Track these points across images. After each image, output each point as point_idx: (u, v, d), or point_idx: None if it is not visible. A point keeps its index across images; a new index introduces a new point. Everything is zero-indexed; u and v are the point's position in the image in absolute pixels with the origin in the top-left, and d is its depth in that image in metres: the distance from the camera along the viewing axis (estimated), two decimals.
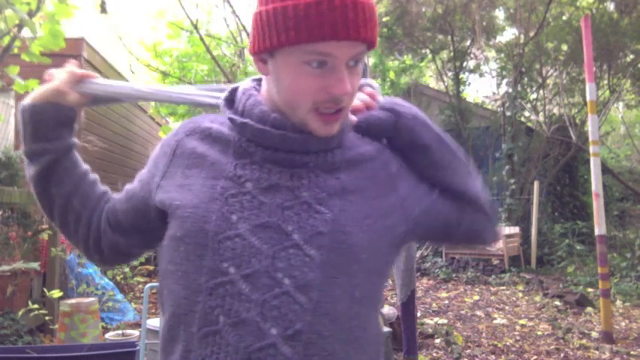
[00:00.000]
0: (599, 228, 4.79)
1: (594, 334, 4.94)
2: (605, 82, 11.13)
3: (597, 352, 4.40)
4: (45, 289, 4.26)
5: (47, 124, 0.97)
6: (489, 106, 12.35)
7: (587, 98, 4.98)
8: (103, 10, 3.72)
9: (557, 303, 6.31)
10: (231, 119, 0.89)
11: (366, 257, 0.84)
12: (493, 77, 12.13)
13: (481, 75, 12.48)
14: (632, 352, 4.37)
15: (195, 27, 7.44)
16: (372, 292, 0.87)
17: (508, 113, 10.48)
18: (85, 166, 1.03)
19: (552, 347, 4.57)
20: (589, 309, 5.98)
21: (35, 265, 4.06)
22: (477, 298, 6.91)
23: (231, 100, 0.94)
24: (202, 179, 0.86)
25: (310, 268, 0.79)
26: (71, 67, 1.06)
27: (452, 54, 11.85)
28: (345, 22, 0.77)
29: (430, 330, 4.92)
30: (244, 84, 0.95)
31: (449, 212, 0.96)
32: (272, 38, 0.80)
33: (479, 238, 1.05)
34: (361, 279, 0.84)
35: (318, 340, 0.78)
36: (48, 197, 1.00)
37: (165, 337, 0.86)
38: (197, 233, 0.81)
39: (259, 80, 0.95)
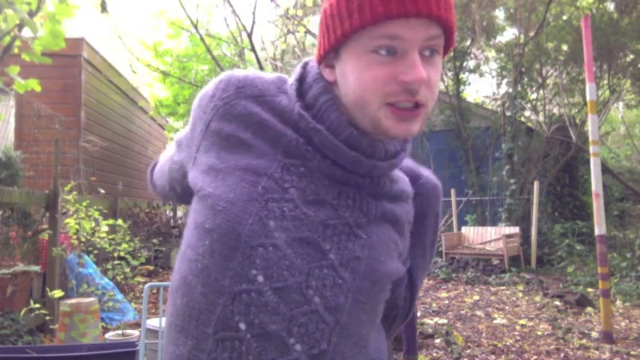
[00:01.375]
0: (599, 228, 4.79)
1: (594, 334, 4.94)
2: (605, 82, 11.13)
3: (597, 352, 4.40)
4: (48, 289, 4.27)
5: None
6: (489, 106, 12.36)
7: (587, 98, 4.98)
8: (104, 9, 3.72)
9: (557, 303, 6.31)
10: (300, 115, 0.79)
11: (388, 288, 0.86)
12: (493, 77, 12.15)
13: (481, 75, 12.49)
14: (632, 352, 4.37)
15: (196, 27, 7.44)
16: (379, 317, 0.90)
17: (508, 113, 10.49)
18: None
19: (552, 347, 4.57)
20: (589, 309, 5.98)
21: (36, 268, 4.07)
22: (477, 298, 6.91)
23: (300, 82, 0.83)
24: (241, 171, 0.77)
25: (342, 290, 0.77)
26: None
27: (452, 54, 11.84)
28: None
29: (430, 330, 4.92)
30: (314, 65, 0.84)
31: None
32: (336, 30, 0.74)
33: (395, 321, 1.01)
34: (381, 308, 0.86)
35: None
36: None
37: (174, 326, 0.80)
38: (228, 233, 0.74)
39: None
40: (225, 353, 0.74)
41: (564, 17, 10.82)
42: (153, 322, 3.16)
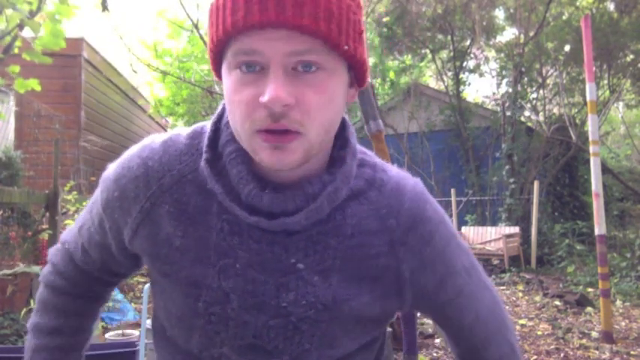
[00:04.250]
0: (599, 228, 4.78)
1: (594, 334, 4.94)
2: (605, 82, 11.13)
3: (597, 352, 4.40)
4: None
5: None
6: (489, 106, 12.35)
7: (587, 98, 4.98)
8: (105, 8, 3.71)
9: (557, 303, 6.31)
10: (207, 174, 0.71)
11: (359, 319, 0.78)
12: (493, 77, 12.12)
13: (481, 75, 12.47)
14: (632, 352, 4.37)
15: (196, 27, 7.44)
16: (370, 333, 0.81)
17: (508, 113, 10.48)
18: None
19: (552, 347, 4.57)
20: (589, 309, 5.98)
21: (37, 269, 4.07)
22: None
23: (217, 125, 0.75)
24: (183, 285, 0.74)
25: (307, 341, 0.74)
26: None
27: (452, 54, 11.85)
28: (264, 3, 0.58)
29: (430, 330, 4.92)
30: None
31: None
32: (208, 44, 0.66)
33: None
34: (359, 331, 0.78)
35: None
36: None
37: None
38: (183, 345, 0.79)
39: None
40: None
41: (564, 17, 10.81)
42: None
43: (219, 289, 0.72)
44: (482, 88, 46.20)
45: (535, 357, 4.32)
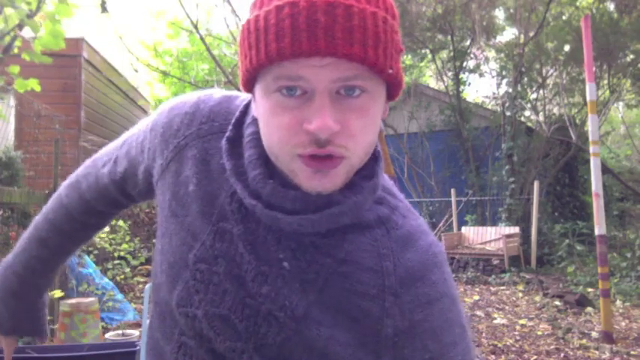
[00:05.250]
0: (599, 228, 4.78)
1: (594, 334, 4.94)
2: (605, 82, 11.13)
3: (597, 352, 4.40)
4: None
5: None
6: (489, 106, 12.35)
7: (587, 98, 4.98)
8: (104, 9, 3.71)
9: (557, 303, 6.31)
10: (230, 171, 0.71)
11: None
12: (493, 77, 12.12)
13: (481, 75, 12.47)
14: (632, 352, 4.37)
15: (196, 27, 7.44)
16: None
17: (508, 113, 10.49)
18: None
19: (552, 347, 4.57)
20: (589, 309, 5.98)
21: None
22: (477, 298, 6.91)
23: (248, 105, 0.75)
24: (185, 231, 0.75)
25: (273, 333, 0.70)
26: None
27: (452, 54, 11.85)
28: (312, 30, 0.56)
29: None
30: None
31: None
32: (243, 62, 0.64)
33: None
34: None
35: None
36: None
37: None
38: (164, 302, 0.78)
39: None
40: None
41: (564, 17, 10.81)
42: None
43: (212, 249, 0.72)
44: (482, 88, 46.25)
45: (535, 357, 4.32)
